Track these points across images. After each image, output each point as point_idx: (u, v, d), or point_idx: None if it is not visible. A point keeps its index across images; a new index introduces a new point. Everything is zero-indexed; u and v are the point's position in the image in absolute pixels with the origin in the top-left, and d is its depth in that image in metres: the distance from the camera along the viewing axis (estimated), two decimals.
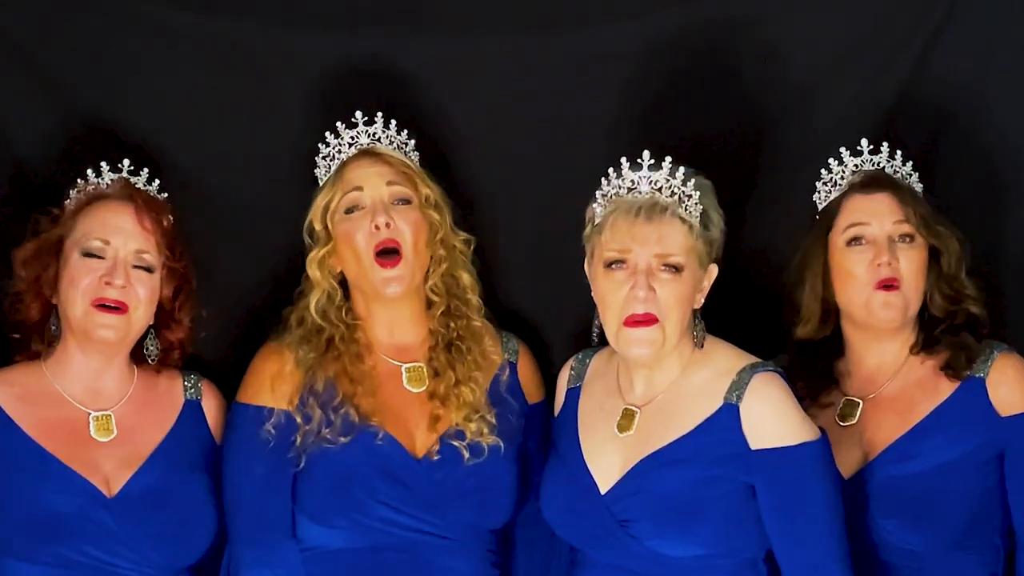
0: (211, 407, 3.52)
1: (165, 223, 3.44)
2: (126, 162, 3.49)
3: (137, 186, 3.48)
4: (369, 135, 3.50)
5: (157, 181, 3.51)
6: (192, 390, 3.51)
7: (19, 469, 3.34)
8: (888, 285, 3.42)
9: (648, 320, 3.25)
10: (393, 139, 3.51)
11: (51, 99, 3.72)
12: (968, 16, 3.74)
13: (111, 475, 3.37)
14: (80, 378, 3.43)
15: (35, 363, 3.46)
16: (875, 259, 3.43)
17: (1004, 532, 3.45)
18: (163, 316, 3.46)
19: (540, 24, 3.76)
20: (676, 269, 3.26)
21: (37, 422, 3.38)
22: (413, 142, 3.54)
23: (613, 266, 3.28)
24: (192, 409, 3.49)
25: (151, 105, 3.72)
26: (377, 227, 3.42)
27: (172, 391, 3.50)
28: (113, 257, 3.39)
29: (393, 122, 3.52)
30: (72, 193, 3.48)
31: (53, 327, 3.44)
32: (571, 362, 3.50)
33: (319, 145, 3.52)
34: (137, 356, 3.49)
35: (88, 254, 3.39)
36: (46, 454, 3.35)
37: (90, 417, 3.41)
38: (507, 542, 3.54)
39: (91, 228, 3.41)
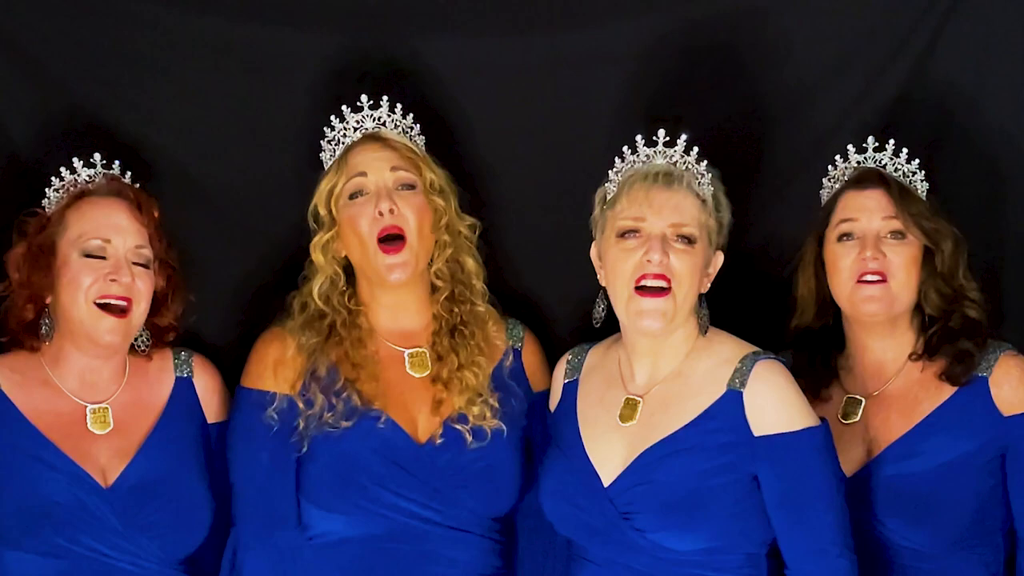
0: (203, 384, 3.52)
1: (157, 214, 3.44)
2: (97, 156, 3.48)
3: (123, 180, 3.47)
4: (374, 119, 3.49)
5: (129, 173, 3.50)
6: (183, 366, 3.51)
7: (18, 454, 3.34)
8: (871, 278, 3.42)
9: (659, 289, 3.26)
10: (398, 123, 3.51)
11: (51, 98, 3.71)
12: (968, 16, 3.75)
13: (107, 465, 3.37)
14: (76, 373, 3.43)
15: (33, 353, 3.45)
16: (860, 254, 3.44)
17: (1005, 532, 3.45)
18: (155, 305, 3.45)
19: (541, 23, 3.77)
20: (689, 241, 3.28)
21: (36, 412, 3.39)
22: (418, 127, 3.53)
23: (627, 235, 3.29)
24: (183, 387, 3.50)
25: (151, 103, 3.72)
26: (381, 213, 3.41)
27: (163, 370, 3.50)
28: (115, 255, 3.38)
29: (399, 106, 3.51)
30: (51, 192, 3.46)
31: (44, 327, 3.42)
32: (567, 356, 3.50)
33: (324, 129, 3.51)
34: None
35: (89, 255, 3.38)
36: (45, 440, 3.35)
37: (87, 410, 3.40)
38: (510, 532, 3.53)
39: (87, 228, 3.39)
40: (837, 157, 3.56)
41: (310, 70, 3.74)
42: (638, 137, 3.35)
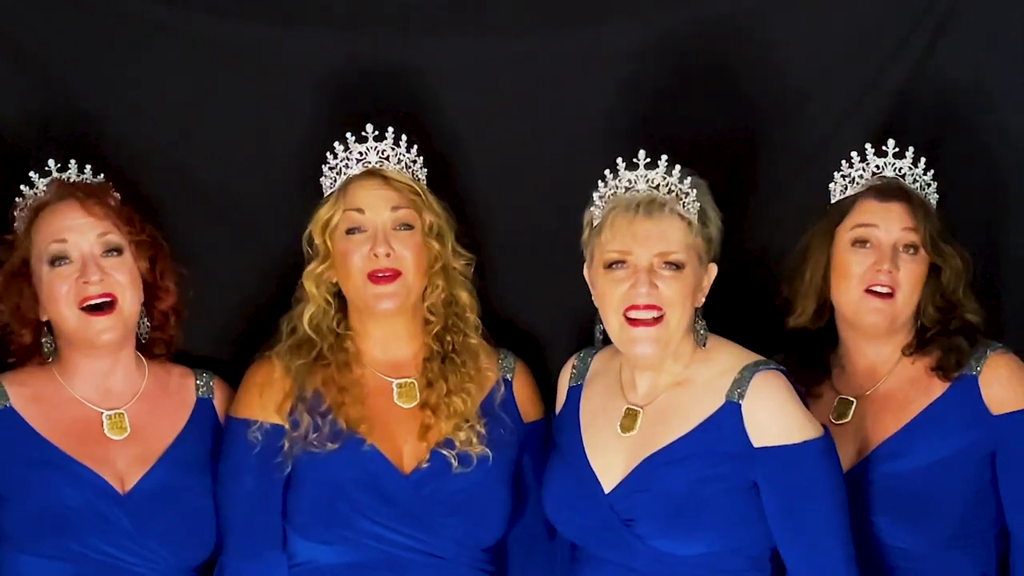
0: (221, 403, 3.52)
1: (112, 202, 3.43)
2: (52, 162, 3.46)
3: (71, 180, 3.45)
4: (378, 152, 3.44)
5: (89, 167, 3.48)
6: (204, 388, 3.52)
7: (32, 467, 3.35)
8: (880, 291, 3.42)
9: (651, 319, 3.25)
10: (402, 158, 3.46)
11: (48, 98, 3.71)
12: (968, 16, 3.74)
13: (124, 472, 3.39)
14: (89, 380, 3.44)
15: (45, 365, 3.47)
16: (876, 264, 3.43)
17: (997, 532, 3.44)
18: (149, 289, 3.46)
19: (540, 24, 3.76)
20: (677, 267, 3.27)
21: (50, 422, 3.40)
22: (422, 159, 3.50)
23: (614, 266, 3.28)
24: (204, 407, 3.50)
25: (151, 102, 3.73)
26: (376, 255, 3.40)
27: (184, 388, 3.51)
28: (79, 256, 3.38)
29: (404, 138, 3.47)
30: (16, 213, 3.46)
31: (46, 346, 3.45)
32: (573, 360, 3.51)
33: (327, 154, 3.48)
34: (146, 352, 3.51)
35: (53, 262, 3.38)
36: (58, 451, 3.36)
37: (103, 416, 3.42)
38: (501, 561, 3.52)
39: (46, 237, 3.39)
40: (853, 154, 3.52)
41: (311, 70, 3.73)
42: (619, 160, 3.32)
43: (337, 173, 3.46)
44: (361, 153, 3.45)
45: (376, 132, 3.45)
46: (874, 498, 3.39)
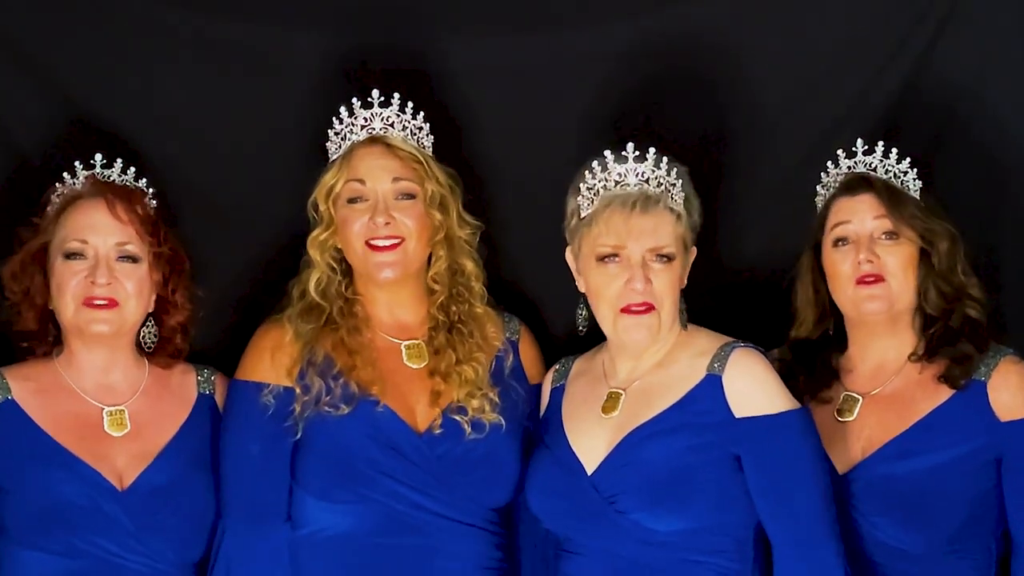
0: (224, 400, 3.50)
1: (141, 211, 3.43)
2: (99, 156, 3.48)
3: (111, 178, 3.47)
4: (383, 119, 3.45)
5: (133, 169, 3.49)
6: (205, 384, 3.52)
7: (32, 461, 3.36)
8: (869, 280, 3.43)
9: (646, 309, 3.31)
10: (407, 124, 3.47)
11: (50, 98, 3.72)
12: (968, 16, 3.75)
13: (123, 469, 3.39)
14: (90, 374, 3.45)
15: (49, 359, 3.48)
16: (856, 257, 3.45)
17: (999, 537, 3.44)
18: (160, 302, 3.47)
19: (540, 23, 3.78)
20: (668, 259, 3.32)
21: (51, 416, 3.41)
22: (428, 126, 3.49)
23: (606, 260, 3.32)
24: (205, 403, 3.51)
25: (147, 98, 3.73)
26: (376, 224, 3.41)
27: (185, 385, 3.52)
28: (94, 255, 3.40)
29: (410, 105, 3.47)
30: (53, 197, 3.47)
31: (52, 335, 3.46)
32: (555, 366, 3.55)
33: (333, 119, 3.47)
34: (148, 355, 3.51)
35: (69, 256, 3.40)
36: (59, 447, 3.37)
37: (104, 412, 3.42)
38: (509, 525, 3.53)
39: (69, 231, 3.41)
40: (829, 163, 3.55)
41: (312, 70, 3.74)
42: (607, 153, 3.34)
43: (342, 139, 3.47)
44: (366, 119, 3.45)
45: (382, 98, 3.45)
46: (876, 498, 3.39)
